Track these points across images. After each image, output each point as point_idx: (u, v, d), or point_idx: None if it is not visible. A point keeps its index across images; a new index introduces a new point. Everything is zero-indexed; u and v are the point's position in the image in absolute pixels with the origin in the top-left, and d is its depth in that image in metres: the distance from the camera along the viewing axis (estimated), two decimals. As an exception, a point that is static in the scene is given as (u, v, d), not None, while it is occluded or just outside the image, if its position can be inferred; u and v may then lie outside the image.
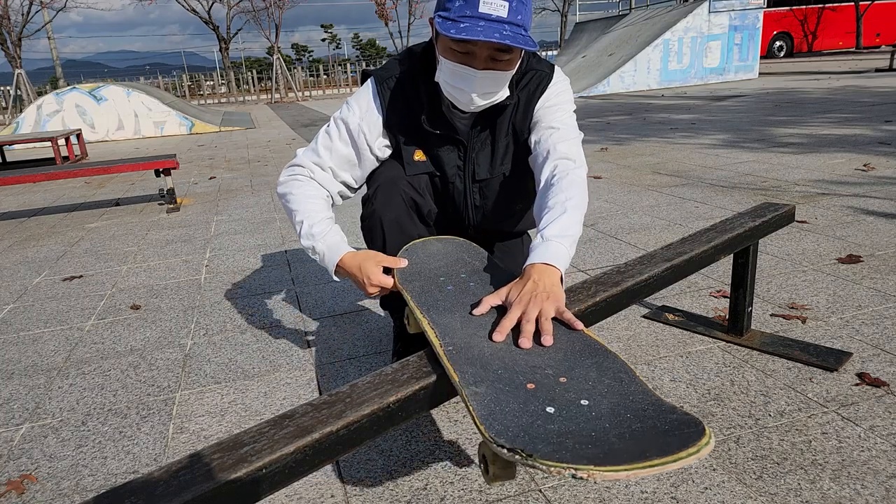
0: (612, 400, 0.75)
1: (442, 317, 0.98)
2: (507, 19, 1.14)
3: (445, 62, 1.23)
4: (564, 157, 1.28)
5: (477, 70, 1.20)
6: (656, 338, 1.74)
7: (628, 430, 0.69)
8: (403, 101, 1.37)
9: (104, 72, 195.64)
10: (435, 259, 1.23)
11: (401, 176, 1.40)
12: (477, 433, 1.35)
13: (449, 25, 1.14)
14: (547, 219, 1.15)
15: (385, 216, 1.40)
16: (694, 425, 0.68)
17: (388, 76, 1.38)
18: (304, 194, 1.36)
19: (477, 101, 1.26)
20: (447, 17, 1.16)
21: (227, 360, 1.81)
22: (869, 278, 2.04)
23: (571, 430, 0.69)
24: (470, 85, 1.23)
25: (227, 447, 0.71)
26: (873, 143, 4.50)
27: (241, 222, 3.56)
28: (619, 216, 3.07)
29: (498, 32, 1.12)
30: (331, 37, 71.87)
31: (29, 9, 22.20)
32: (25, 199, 4.90)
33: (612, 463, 0.62)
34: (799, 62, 17.06)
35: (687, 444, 0.64)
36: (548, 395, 0.76)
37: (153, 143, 9.20)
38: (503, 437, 0.68)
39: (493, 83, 1.24)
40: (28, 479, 1.31)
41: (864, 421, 1.29)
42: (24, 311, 2.35)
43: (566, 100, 1.42)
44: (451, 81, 1.25)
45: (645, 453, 0.63)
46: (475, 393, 0.77)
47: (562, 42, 27.06)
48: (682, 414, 0.71)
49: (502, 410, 0.73)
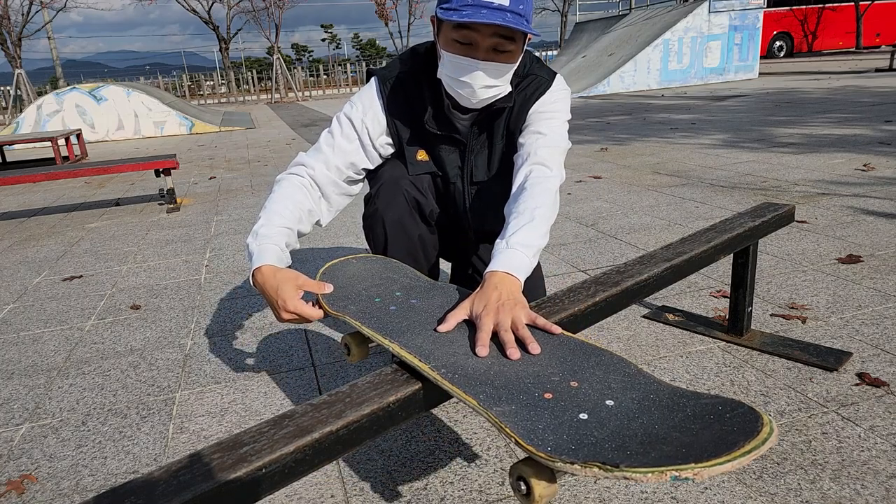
0: (633, 395, 0.73)
1: (408, 339, 0.92)
2: (509, 7, 1.14)
3: (447, 55, 1.23)
4: (542, 164, 1.27)
5: (479, 61, 1.20)
6: (656, 338, 1.74)
7: (679, 423, 0.66)
8: (406, 100, 1.37)
9: (104, 72, 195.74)
10: (361, 280, 1.18)
11: (403, 175, 1.41)
12: (479, 436, 1.35)
13: (452, 13, 1.15)
14: (514, 224, 1.15)
15: (387, 215, 1.40)
16: (739, 407, 0.65)
17: (392, 75, 1.38)
18: (282, 194, 1.30)
19: (480, 94, 1.25)
20: (448, 7, 1.17)
21: (227, 360, 1.81)
22: (869, 278, 2.04)
23: (619, 432, 0.66)
24: (472, 76, 1.22)
25: (226, 447, 0.71)
26: (873, 143, 4.50)
27: (241, 222, 3.56)
28: (619, 216, 3.07)
29: (500, 17, 1.13)
30: (331, 37, 71.88)
31: (29, 9, 22.21)
32: (25, 199, 4.90)
33: (699, 459, 0.58)
34: (799, 62, 17.07)
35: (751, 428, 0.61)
36: (571, 401, 0.73)
37: (153, 143, 9.20)
38: (562, 453, 0.63)
39: (496, 74, 1.23)
40: (28, 479, 1.31)
41: (864, 421, 1.29)
42: (24, 311, 2.35)
43: (561, 108, 1.41)
44: (454, 74, 1.24)
45: (721, 444, 0.60)
46: (504, 413, 0.72)
47: (562, 42, 27.06)
48: (712, 398, 0.69)
49: (539, 425, 0.69)
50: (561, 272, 2.33)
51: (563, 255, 2.53)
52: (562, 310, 1.04)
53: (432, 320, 0.98)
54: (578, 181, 3.98)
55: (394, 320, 0.99)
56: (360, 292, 1.13)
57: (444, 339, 0.91)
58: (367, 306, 1.07)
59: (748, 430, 0.61)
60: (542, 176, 1.24)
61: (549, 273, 2.31)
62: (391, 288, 1.14)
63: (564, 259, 2.48)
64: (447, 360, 0.85)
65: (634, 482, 0.76)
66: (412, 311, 1.03)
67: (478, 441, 1.32)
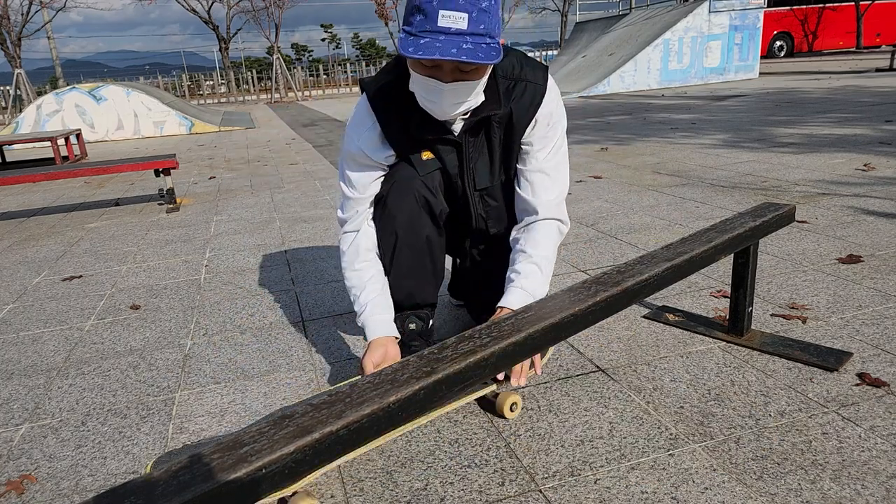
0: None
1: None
2: (468, 30, 1.12)
3: (415, 75, 1.24)
4: (555, 219, 1.47)
5: (444, 84, 1.20)
6: (656, 338, 1.74)
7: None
8: (396, 109, 1.38)
9: (104, 72, 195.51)
10: None
11: (414, 176, 1.42)
12: (479, 436, 1.35)
13: (408, 43, 1.14)
14: (526, 268, 1.42)
15: (398, 216, 1.42)
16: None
17: (378, 87, 1.39)
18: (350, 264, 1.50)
19: (449, 111, 1.27)
20: (409, 33, 1.15)
21: (226, 360, 1.81)
22: (869, 278, 2.04)
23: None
24: (439, 97, 1.23)
25: (226, 447, 0.70)
26: (874, 142, 4.50)
27: (240, 222, 3.56)
28: (619, 216, 3.06)
29: (456, 47, 1.11)
30: (331, 36, 71.86)
31: (28, 9, 22.20)
32: (25, 199, 4.90)
33: None
34: (799, 62, 17.07)
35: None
36: None
37: (153, 142, 9.19)
38: None
39: (463, 93, 1.24)
40: (28, 479, 1.31)
41: (865, 421, 1.29)
42: (23, 311, 2.35)
43: (559, 118, 1.44)
44: (423, 93, 1.26)
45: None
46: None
47: (562, 42, 27.04)
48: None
49: None
50: (561, 272, 2.33)
51: (564, 255, 2.53)
52: (562, 310, 1.04)
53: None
54: (579, 181, 3.98)
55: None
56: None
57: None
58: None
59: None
60: (554, 230, 1.47)
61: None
62: None
63: (564, 259, 2.48)
64: None
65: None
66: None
67: (478, 441, 1.31)
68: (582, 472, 1.19)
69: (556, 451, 1.26)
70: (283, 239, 3.11)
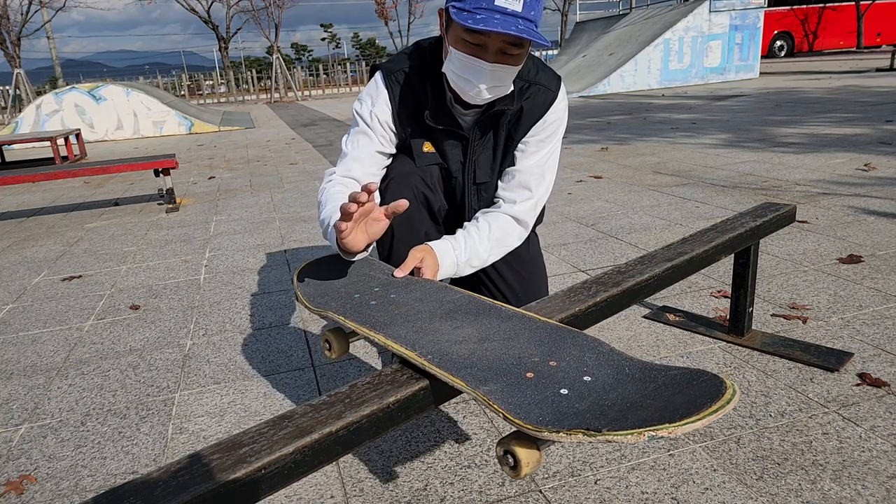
0: (608, 371, 0.79)
1: (392, 330, 0.96)
2: (521, 14, 1.15)
3: (455, 53, 1.23)
4: (518, 219, 1.43)
5: (487, 63, 1.21)
6: (657, 338, 1.73)
7: (652, 391, 0.72)
8: (411, 94, 1.38)
9: (103, 71, 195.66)
10: (338, 278, 1.22)
11: (413, 171, 1.42)
12: (479, 436, 1.34)
13: (466, 16, 1.15)
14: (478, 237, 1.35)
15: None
16: (704, 375, 0.72)
17: (397, 69, 1.39)
18: (332, 193, 1.34)
19: (484, 93, 1.27)
20: (462, 9, 1.16)
21: (226, 360, 1.81)
22: (870, 278, 2.04)
23: (598, 403, 0.71)
24: (479, 76, 1.23)
25: (226, 448, 0.70)
26: (874, 142, 4.50)
27: (240, 222, 3.56)
28: (619, 216, 3.06)
29: (514, 26, 1.14)
30: (330, 36, 71.86)
31: (28, 8, 22.20)
32: (24, 199, 4.90)
33: (672, 420, 0.64)
34: (800, 62, 17.06)
35: (716, 392, 0.68)
36: (551, 379, 0.78)
37: (152, 142, 9.19)
38: (547, 423, 0.69)
39: (502, 77, 1.25)
40: (27, 479, 1.30)
41: (865, 421, 1.28)
42: (23, 312, 2.35)
43: (558, 129, 1.45)
44: (460, 72, 1.25)
45: (690, 406, 0.66)
46: (491, 391, 0.77)
47: (562, 41, 27.06)
48: (680, 369, 0.75)
49: (525, 401, 0.74)
50: (561, 272, 2.32)
51: (564, 255, 2.53)
52: (562, 310, 1.04)
53: (412, 313, 1.01)
54: (579, 181, 3.98)
55: (375, 314, 1.03)
56: (338, 289, 1.15)
57: (427, 330, 0.96)
58: (347, 302, 1.09)
59: (714, 393, 0.68)
60: (511, 229, 1.42)
61: (549, 273, 2.30)
62: (369, 284, 1.16)
63: (565, 259, 2.48)
64: (432, 347, 0.89)
65: (615, 444, 0.82)
66: (392, 305, 1.06)
67: (478, 441, 1.31)
68: (582, 473, 1.19)
69: (556, 451, 1.26)
70: (282, 239, 3.11)
